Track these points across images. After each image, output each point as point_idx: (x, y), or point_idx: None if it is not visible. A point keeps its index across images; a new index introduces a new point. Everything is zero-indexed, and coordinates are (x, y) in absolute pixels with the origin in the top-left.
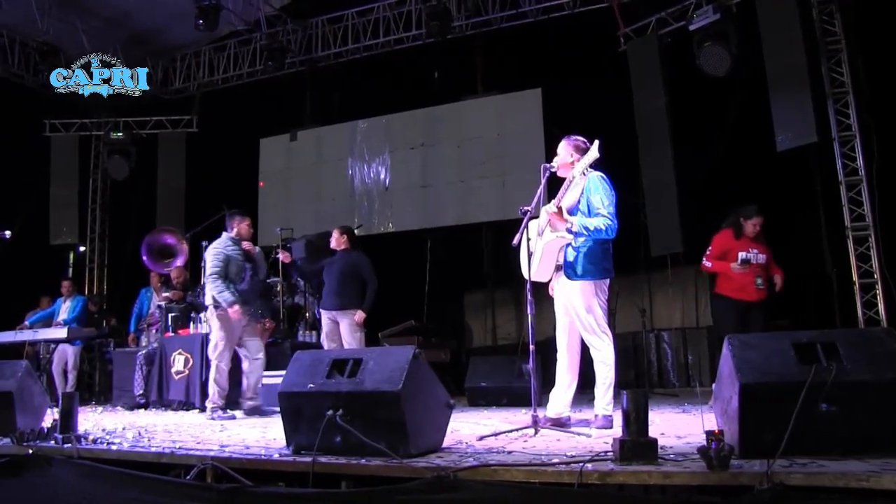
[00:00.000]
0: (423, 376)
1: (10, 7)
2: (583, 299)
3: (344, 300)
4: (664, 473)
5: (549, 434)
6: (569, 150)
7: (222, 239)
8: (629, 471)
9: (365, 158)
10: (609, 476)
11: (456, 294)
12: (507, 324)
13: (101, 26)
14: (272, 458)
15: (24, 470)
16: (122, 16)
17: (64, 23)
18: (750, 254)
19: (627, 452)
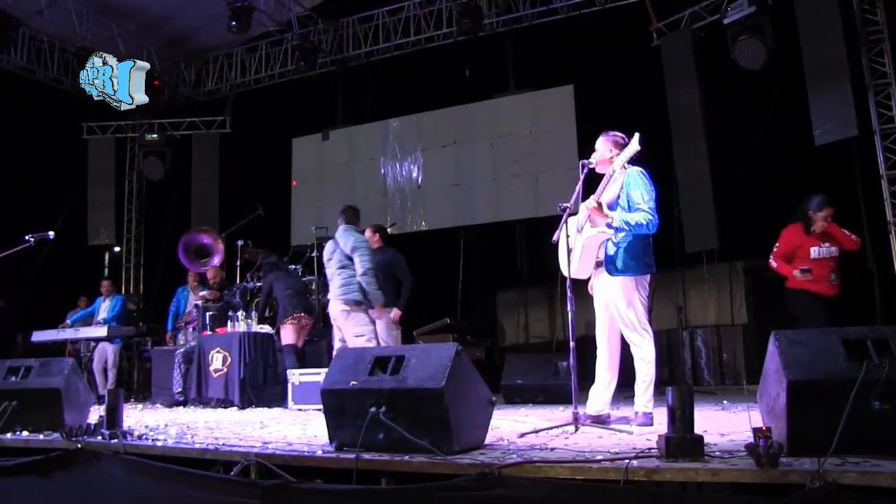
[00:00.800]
0: (466, 373)
1: (50, 14)
2: (623, 295)
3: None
4: (711, 470)
5: (589, 431)
6: (608, 146)
7: (364, 236)
8: (676, 468)
9: (397, 157)
10: (655, 473)
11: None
12: (539, 322)
13: (136, 30)
14: (315, 454)
15: (74, 464)
16: (157, 19)
17: (101, 28)
18: (822, 248)
19: (673, 449)
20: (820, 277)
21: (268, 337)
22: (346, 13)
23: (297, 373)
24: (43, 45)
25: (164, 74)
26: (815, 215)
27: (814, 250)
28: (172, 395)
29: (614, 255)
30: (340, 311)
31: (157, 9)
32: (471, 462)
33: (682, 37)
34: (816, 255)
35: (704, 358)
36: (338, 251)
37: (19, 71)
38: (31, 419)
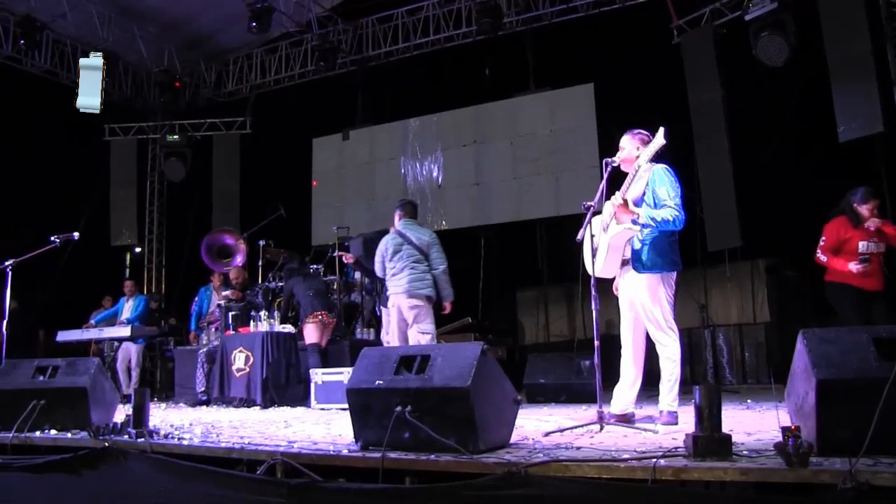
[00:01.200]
0: (492, 372)
1: (73, 17)
2: (649, 293)
3: None
4: (740, 470)
5: (614, 430)
6: (634, 144)
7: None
8: (704, 467)
9: (417, 156)
10: (683, 472)
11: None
12: (559, 321)
13: (157, 32)
14: (341, 453)
15: (101, 462)
16: (177, 21)
17: (122, 30)
18: (870, 243)
19: (701, 448)
20: (870, 271)
21: (290, 336)
22: (365, 13)
23: (319, 372)
24: (66, 48)
25: (184, 76)
26: (861, 207)
27: (862, 244)
28: (195, 394)
29: (640, 252)
30: (410, 305)
31: (177, 11)
32: (497, 461)
33: (702, 34)
34: (864, 249)
35: (726, 357)
36: (406, 246)
37: (43, 74)
38: (59, 418)
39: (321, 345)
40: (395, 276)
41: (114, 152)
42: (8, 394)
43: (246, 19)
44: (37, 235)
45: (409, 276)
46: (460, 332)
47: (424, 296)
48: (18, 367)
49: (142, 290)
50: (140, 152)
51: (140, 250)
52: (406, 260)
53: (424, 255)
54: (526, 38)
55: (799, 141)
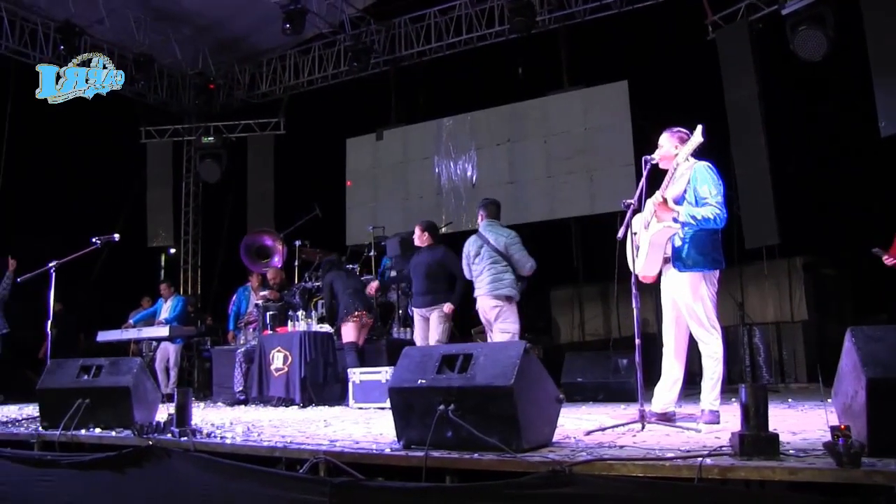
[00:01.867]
0: (534, 371)
1: (110, 22)
2: (691, 291)
3: (434, 297)
4: (789, 469)
5: (656, 429)
6: (672, 142)
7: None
8: (751, 466)
9: (451, 156)
10: (730, 471)
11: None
12: (594, 319)
13: (191, 35)
14: (384, 452)
15: (146, 461)
16: (211, 24)
17: (157, 34)
18: None
19: (748, 447)
20: None
21: (328, 336)
22: (397, 13)
23: (357, 371)
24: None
25: (218, 78)
26: None
27: None
28: (234, 393)
29: (682, 250)
30: (491, 306)
31: (211, 13)
32: (541, 460)
33: (738, 29)
34: None
35: (763, 355)
36: (486, 247)
37: None
38: (103, 416)
39: (359, 344)
40: (477, 278)
41: (150, 154)
42: (55, 392)
43: (279, 21)
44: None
45: (489, 278)
46: None
47: (504, 296)
48: (64, 366)
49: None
50: (175, 154)
51: (175, 251)
52: (486, 261)
53: (503, 256)
54: (559, 35)
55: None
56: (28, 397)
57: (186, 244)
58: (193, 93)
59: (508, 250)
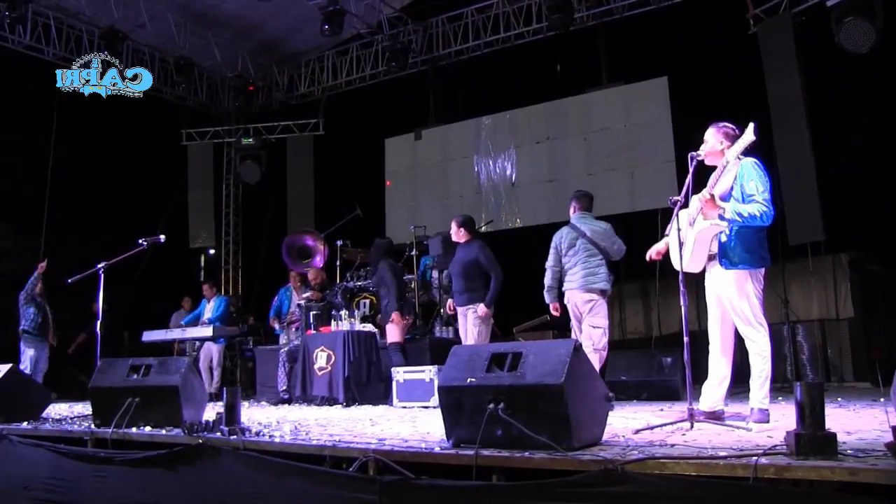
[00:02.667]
0: (584, 369)
1: (151, 26)
2: (737, 289)
3: (470, 295)
4: (849, 470)
5: (705, 428)
6: (718, 138)
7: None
8: (808, 465)
9: (490, 154)
10: (787, 471)
11: None
12: (634, 317)
13: (230, 38)
14: (433, 451)
15: (196, 459)
16: (250, 27)
17: (197, 37)
18: None
19: (804, 447)
20: None
21: (371, 335)
22: (434, 13)
23: (401, 370)
24: (144, 57)
25: (257, 80)
26: None
27: None
28: (277, 392)
29: (728, 247)
30: (585, 300)
31: (250, 16)
32: (593, 458)
33: (781, 22)
34: None
35: (807, 354)
36: (581, 239)
37: None
38: (152, 415)
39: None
40: (569, 271)
41: (191, 156)
42: (106, 391)
43: (316, 22)
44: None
45: (584, 271)
46: (538, 331)
47: (599, 289)
48: (114, 365)
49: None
50: (216, 156)
51: (214, 252)
52: (581, 254)
53: (599, 248)
54: (597, 32)
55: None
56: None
57: (227, 245)
58: (233, 95)
59: (605, 238)
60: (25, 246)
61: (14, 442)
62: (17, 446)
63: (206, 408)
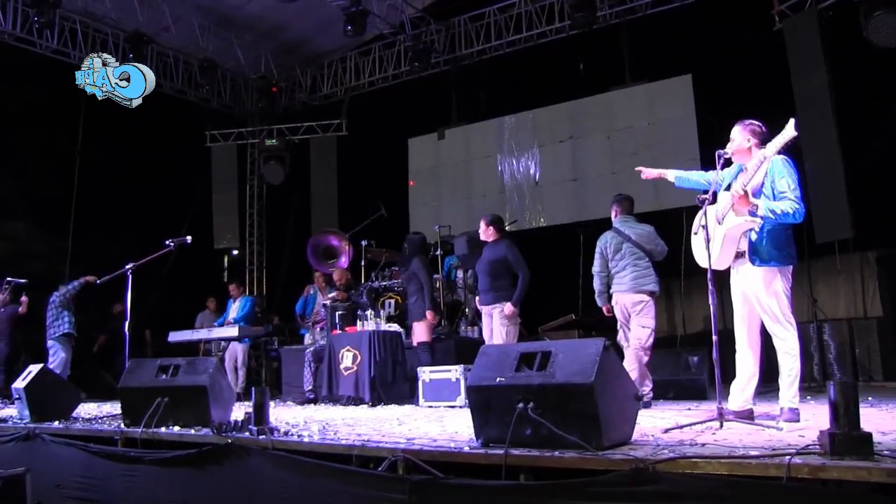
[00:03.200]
0: (614, 368)
1: (175, 30)
2: (766, 286)
3: (497, 294)
4: (887, 471)
5: (735, 427)
6: (745, 136)
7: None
8: (844, 466)
9: (514, 154)
10: (821, 470)
11: None
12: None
13: (253, 39)
14: (462, 450)
15: (225, 458)
16: (273, 28)
17: (220, 39)
18: None
19: (839, 446)
20: None
21: (396, 335)
22: (457, 12)
23: (427, 370)
24: (168, 60)
25: (280, 81)
26: None
27: None
28: (303, 392)
29: (758, 245)
30: (635, 301)
31: (273, 18)
32: (623, 457)
33: (807, 18)
34: None
35: (834, 353)
36: (627, 243)
37: None
38: (181, 414)
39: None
40: (617, 274)
41: (215, 158)
42: (135, 391)
43: (339, 23)
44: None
45: (634, 273)
46: (563, 330)
47: (648, 291)
48: (143, 365)
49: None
50: (240, 157)
51: (237, 253)
52: (628, 258)
53: (645, 251)
54: (620, 30)
55: None
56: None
57: (251, 245)
58: (256, 96)
59: (650, 241)
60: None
61: (47, 441)
62: (50, 445)
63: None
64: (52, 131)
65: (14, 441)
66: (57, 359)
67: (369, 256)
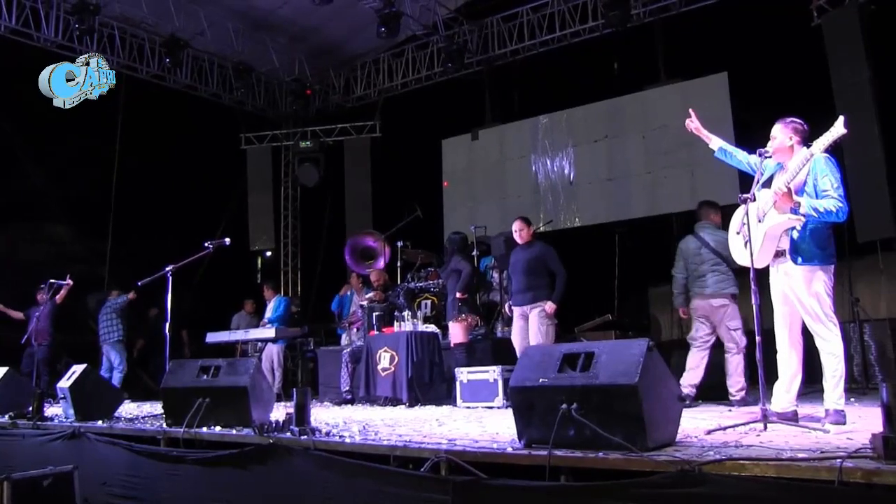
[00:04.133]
0: (657, 369)
1: (211, 34)
2: (808, 285)
3: (535, 293)
4: None
5: (780, 429)
6: (787, 133)
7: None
8: None
9: (548, 153)
10: (876, 475)
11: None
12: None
13: (287, 42)
14: (505, 451)
15: (268, 458)
16: (307, 31)
17: (255, 42)
18: None
19: (893, 450)
20: None
21: (433, 336)
22: (489, 13)
23: (465, 371)
24: (203, 63)
25: (314, 83)
26: None
27: None
28: (340, 393)
29: (800, 243)
30: (719, 305)
31: (307, 20)
32: (669, 459)
33: (847, 12)
34: None
35: (875, 353)
36: (705, 248)
37: (184, 88)
38: (222, 415)
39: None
40: (698, 279)
41: (250, 160)
42: (177, 391)
43: (372, 25)
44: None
45: (716, 277)
46: (600, 330)
47: (730, 294)
48: (184, 366)
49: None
50: (274, 159)
51: (271, 254)
52: (708, 263)
53: (722, 257)
54: (655, 29)
55: None
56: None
57: (286, 247)
58: (290, 98)
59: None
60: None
61: (92, 440)
62: (95, 444)
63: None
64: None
65: (61, 439)
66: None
67: (405, 258)
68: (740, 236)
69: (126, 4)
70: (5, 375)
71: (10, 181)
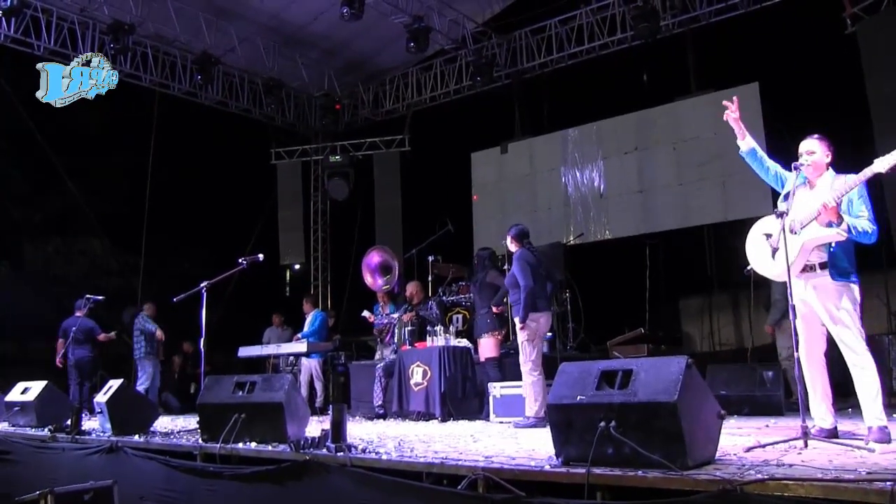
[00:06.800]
0: (697, 386)
1: (242, 50)
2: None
3: (515, 308)
4: None
5: (821, 447)
6: (825, 150)
7: None
8: None
9: (578, 166)
10: None
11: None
12: (725, 328)
13: (317, 58)
14: (543, 468)
15: (305, 475)
16: (336, 46)
17: (285, 58)
18: None
19: None
20: None
21: (466, 350)
22: (518, 26)
23: (498, 386)
24: (234, 80)
25: (343, 98)
26: None
27: None
28: (373, 408)
29: (837, 258)
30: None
31: (336, 36)
32: (709, 478)
33: (883, 19)
34: None
35: None
36: None
37: (215, 105)
38: (258, 431)
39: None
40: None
41: (280, 175)
42: (213, 407)
43: (401, 40)
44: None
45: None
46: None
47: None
48: (220, 382)
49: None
50: (304, 174)
51: (299, 267)
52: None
53: None
54: (685, 40)
55: None
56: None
57: (316, 261)
58: (320, 113)
59: None
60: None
61: (129, 454)
62: (132, 458)
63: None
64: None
65: (99, 453)
66: (143, 375)
67: (436, 272)
68: (763, 246)
69: (159, 23)
70: (44, 390)
71: (47, 198)
